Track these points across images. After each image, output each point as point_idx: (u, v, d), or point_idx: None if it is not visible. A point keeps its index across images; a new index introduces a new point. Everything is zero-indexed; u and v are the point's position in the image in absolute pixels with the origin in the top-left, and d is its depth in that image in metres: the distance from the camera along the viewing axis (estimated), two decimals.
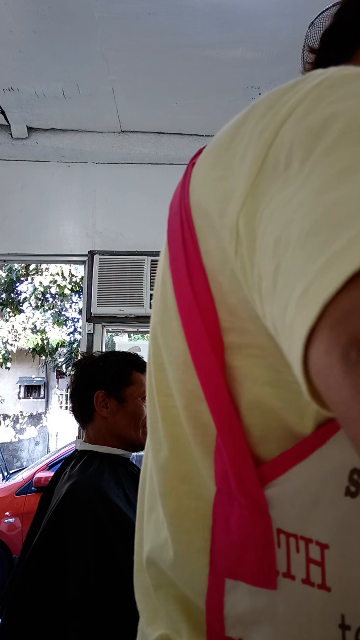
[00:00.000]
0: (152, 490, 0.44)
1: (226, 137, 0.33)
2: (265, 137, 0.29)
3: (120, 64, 2.12)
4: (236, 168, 0.30)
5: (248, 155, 0.29)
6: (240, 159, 0.30)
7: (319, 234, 0.22)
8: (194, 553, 0.37)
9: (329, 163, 0.24)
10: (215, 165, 0.33)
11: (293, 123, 0.28)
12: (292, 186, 0.26)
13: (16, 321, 9.06)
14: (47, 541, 1.02)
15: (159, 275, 0.41)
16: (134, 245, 2.60)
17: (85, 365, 1.35)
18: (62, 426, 11.37)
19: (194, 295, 0.34)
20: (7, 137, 2.62)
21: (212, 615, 0.36)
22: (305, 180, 0.25)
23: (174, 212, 0.40)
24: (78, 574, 0.96)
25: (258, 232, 0.28)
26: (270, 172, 0.28)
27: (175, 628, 0.38)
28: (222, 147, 0.33)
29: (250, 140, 0.30)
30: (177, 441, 0.39)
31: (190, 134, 2.65)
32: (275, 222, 0.26)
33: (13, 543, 3.97)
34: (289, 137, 0.27)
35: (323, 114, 0.26)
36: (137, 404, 1.30)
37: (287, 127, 0.28)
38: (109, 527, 1.01)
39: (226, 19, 1.87)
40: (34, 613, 0.96)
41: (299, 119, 0.28)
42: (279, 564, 0.33)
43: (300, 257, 0.23)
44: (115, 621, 0.94)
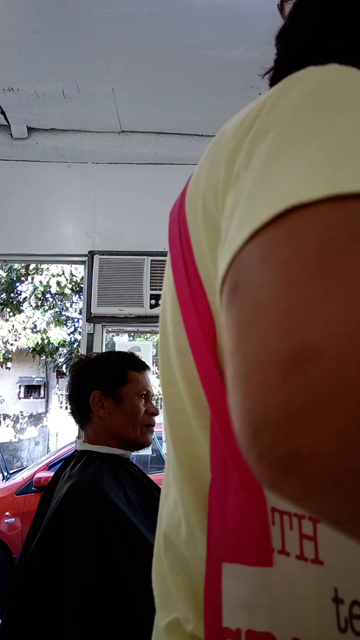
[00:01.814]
0: (167, 476, 0.47)
1: (211, 147, 0.39)
2: (235, 142, 0.33)
3: (120, 64, 2.12)
4: (218, 166, 0.35)
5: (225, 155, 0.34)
6: (222, 161, 0.34)
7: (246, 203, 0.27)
8: (199, 531, 0.39)
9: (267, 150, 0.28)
10: (199, 173, 0.39)
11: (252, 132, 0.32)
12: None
13: (16, 321, 9.06)
14: (47, 541, 1.02)
15: (167, 272, 0.46)
16: (134, 245, 2.60)
17: (82, 367, 1.36)
18: (62, 426, 11.37)
19: (190, 290, 0.38)
20: (7, 137, 2.62)
21: (210, 604, 0.36)
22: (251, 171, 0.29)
23: (173, 219, 0.46)
24: (78, 574, 0.96)
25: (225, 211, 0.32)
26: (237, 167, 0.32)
27: (184, 614, 0.40)
28: (207, 156, 0.39)
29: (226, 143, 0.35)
30: (180, 427, 0.42)
31: (190, 134, 2.65)
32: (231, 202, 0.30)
33: (13, 543, 3.97)
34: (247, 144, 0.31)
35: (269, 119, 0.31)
36: (134, 403, 1.30)
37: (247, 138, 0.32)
38: (109, 527, 1.01)
39: (226, 19, 1.87)
40: (34, 613, 0.96)
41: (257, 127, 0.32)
42: (274, 542, 0.34)
43: (236, 217, 0.28)
44: (115, 621, 0.94)
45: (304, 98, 0.29)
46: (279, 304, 0.20)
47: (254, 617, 0.35)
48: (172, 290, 0.42)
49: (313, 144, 0.25)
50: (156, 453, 3.92)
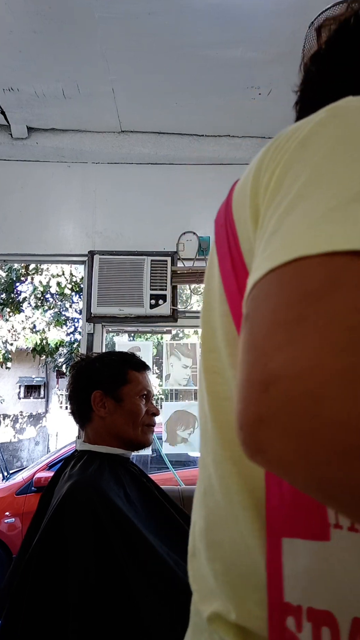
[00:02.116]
0: (202, 461, 0.51)
1: (252, 168, 0.44)
2: (272, 168, 0.39)
3: (120, 64, 2.12)
4: (261, 191, 0.40)
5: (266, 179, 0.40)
6: (264, 184, 0.40)
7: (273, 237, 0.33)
8: (242, 510, 0.42)
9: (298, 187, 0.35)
10: (243, 198, 0.44)
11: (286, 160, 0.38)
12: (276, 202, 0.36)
13: (16, 321, 9.05)
14: (47, 541, 1.02)
15: (211, 271, 0.51)
16: (134, 245, 2.60)
17: (82, 367, 1.36)
18: (62, 426, 11.37)
19: (237, 284, 0.43)
20: (7, 137, 2.62)
21: (272, 579, 0.38)
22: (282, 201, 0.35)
23: (220, 224, 0.49)
24: (78, 574, 0.96)
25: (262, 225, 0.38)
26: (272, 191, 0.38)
27: (224, 603, 0.43)
28: (243, 188, 0.45)
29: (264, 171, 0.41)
30: (226, 413, 0.45)
31: (190, 134, 2.65)
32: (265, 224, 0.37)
33: (13, 543, 3.97)
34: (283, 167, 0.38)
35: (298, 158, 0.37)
36: (135, 403, 1.30)
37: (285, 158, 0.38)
38: (109, 527, 1.01)
39: (226, 19, 1.87)
40: (34, 613, 0.96)
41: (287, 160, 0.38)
42: (329, 516, 0.37)
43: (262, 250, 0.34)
44: (115, 621, 0.93)
45: (332, 149, 0.34)
46: (263, 341, 0.29)
47: (313, 593, 0.36)
48: (220, 287, 0.46)
49: (328, 194, 0.31)
50: (156, 453, 3.92)
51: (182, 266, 2.59)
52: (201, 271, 2.56)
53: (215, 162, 2.69)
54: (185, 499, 2.04)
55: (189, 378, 2.67)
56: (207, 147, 2.66)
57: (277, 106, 2.38)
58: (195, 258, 2.59)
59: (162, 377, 2.88)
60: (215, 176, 2.70)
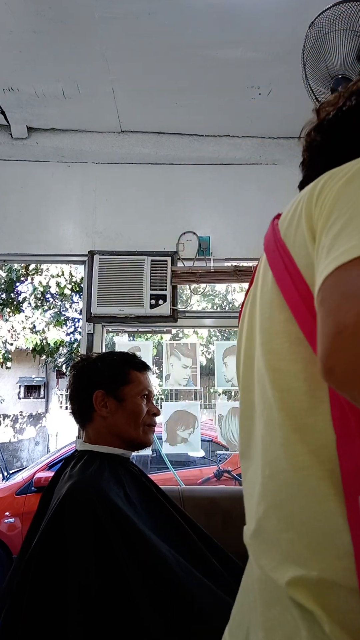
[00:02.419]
0: (265, 447, 0.58)
1: (299, 209, 0.57)
2: (327, 206, 0.51)
3: (120, 64, 2.12)
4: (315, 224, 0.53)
5: (319, 216, 0.53)
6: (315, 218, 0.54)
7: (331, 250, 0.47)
8: (316, 481, 0.50)
9: None
10: (297, 224, 0.57)
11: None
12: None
13: (16, 321, 9.04)
14: (47, 541, 1.02)
15: (255, 291, 0.65)
16: (134, 245, 2.60)
17: (83, 367, 1.36)
18: (62, 426, 11.36)
19: (298, 294, 0.54)
20: (7, 137, 2.62)
21: (355, 529, 0.46)
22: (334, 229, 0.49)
23: (271, 250, 0.61)
24: (78, 574, 0.96)
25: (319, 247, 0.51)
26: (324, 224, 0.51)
27: (305, 566, 0.49)
28: (293, 219, 0.58)
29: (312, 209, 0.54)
30: (288, 402, 0.54)
31: (190, 134, 2.65)
32: (321, 247, 0.50)
33: (13, 543, 3.97)
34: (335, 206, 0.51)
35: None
36: (136, 403, 1.30)
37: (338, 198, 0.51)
38: (109, 527, 1.01)
39: (226, 19, 1.87)
40: (34, 614, 0.96)
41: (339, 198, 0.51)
42: None
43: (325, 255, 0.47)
44: (115, 622, 0.93)
45: None
46: (337, 308, 0.42)
47: None
48: (279, 298, 0.57)
49: None
50: (156, 453, 3.92)
51: (182, 266, 2.59)
52: (201, 271, 2.56)
53: (215, 162, 2.69)
54: (185, 499, 2.04)
55: (189, 378, 2.67)
56: (207, 147, 2.66)
57: (277, 106, 2.38)
58: (195, 258, 2.59)
59: (162, 377, 2.88)
60: (215, 176, 2.70)
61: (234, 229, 2.66)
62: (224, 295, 7.37)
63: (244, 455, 0.65)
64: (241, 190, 2.69)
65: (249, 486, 0.61)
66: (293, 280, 0.55)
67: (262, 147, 2.66)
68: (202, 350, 7.83)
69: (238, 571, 1.18)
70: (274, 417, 0.56)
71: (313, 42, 1.47)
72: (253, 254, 2.61)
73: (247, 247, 2.63)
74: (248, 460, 0.63)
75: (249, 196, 2.67)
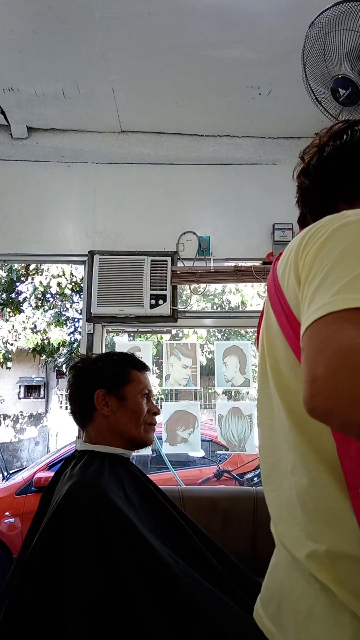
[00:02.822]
0: (282, 448, 0.70)
1: (289, 257, 0.68)
2: (310, 259, 0.63)
3: (120, 64, 2.12)
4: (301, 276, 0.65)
5: (303, 268, 0.64)
6: (303, 272, 0.64)
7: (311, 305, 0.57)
8: (319, 474, 0.62)
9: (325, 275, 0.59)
10: (288, 272, 0.68)
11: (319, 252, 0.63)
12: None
13: (16, 321, 9.04)
14: (47, 542, 1.02)
15: (265, 323, 0.77)
16: (134, 245, 2.61)
17: (83, 367, 1.36)
18: (62, 426, 11.36)
19: (292, 330, 0.66)
20: (7, 137, 2.62)
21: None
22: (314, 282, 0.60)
23: (272, 293, 0.73)
24: (78, 574, 0.96)
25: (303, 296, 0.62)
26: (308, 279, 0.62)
27: (318, 542, 0.61)
28: (286, 266, 0.69)
29: (303, 261, 0.65)
30: (295, 412, 0.66)
31: (190, 134, 2.65)
32: (305, 297, 0.61)
33: (13, 543, 3.97)
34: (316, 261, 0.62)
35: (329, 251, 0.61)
36: (137, 402, 1.30)
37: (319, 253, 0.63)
38: (109, 527, 1.01)
39: (226, 19, 1.87)
40: (34, 613, 0.96)
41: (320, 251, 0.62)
42: None
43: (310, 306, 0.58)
44: (115, 622, 0.93)
45: (347, 247, 0.59)
46: (312, 361, 0.52)
47: None
48: (280, 333, 0.70)
49: (344, 276, 0.55)
50: (156, 453, 3.92)
51: (182, 266, 2.59)
52: (201, 271, 2.56)
53: (215, 162, 2.69)
54: (185, 499, 2.04)
55: (189, 378, 2.67)
56: (207, 147, 2.66)
57: (277, 106, 2.38)
58: (195, 258, 2.59)
59: (162, 377, 2.88)
60: (215, 176, 2.70)
61: (234, 229, 2.66)
62: (220, 296, 7.36)
63: (266, 454, 0.76)
64: (241, 190, 2.69)
65: (275, 481, 0.73)
66: (287, 318, 0.67)
67: (262, 147, 2.66)
68: (203, 350, 7.83)
69: (237, 571, 1.19)
70: (285, 423, 0.68)
71: (313, 42, 1.47)
72: (253, 254, 2.61)
73: (247, 247, 2.63)
74: (272, 457, 0.74)
75: (249, 196, 2.67)
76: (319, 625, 0.60)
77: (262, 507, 2.02)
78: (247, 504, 2.04)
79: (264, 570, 0.77)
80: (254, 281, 2.55)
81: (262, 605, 0.73)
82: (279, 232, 2.57)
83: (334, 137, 0.80)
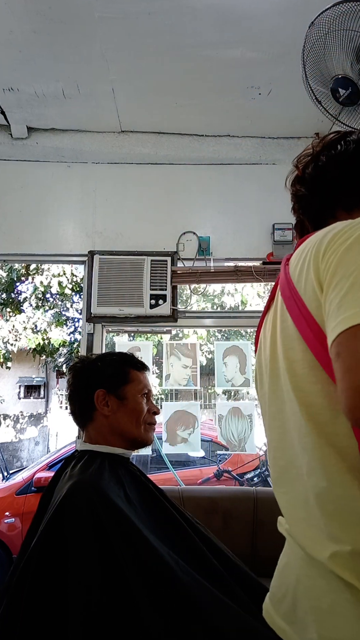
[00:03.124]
0: (294, 450, 0.71)
1: (307, 260, 0.69)
2: (331, 262, 0.64)
3: (120, 64, 2.12)
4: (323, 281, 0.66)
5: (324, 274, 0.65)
6: (325, 277, 0.65)
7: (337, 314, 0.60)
8: (340, 474, 0.63)
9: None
10: (306, 274, 0.69)
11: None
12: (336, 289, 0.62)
13: (16, 321, 9.03)
14: (47, 541, 1.02)
15: (281, 326, 0.76)
16: (134, 245, 2.60)
17: (83, 367, 1.36)
18: (62, 426, 11.36)
19: (311, 332, 0.67)
20: (7, 137, 2.62)
21: None
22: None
23: (287, 296, 0.73)
24: (78, 574, 0.96)
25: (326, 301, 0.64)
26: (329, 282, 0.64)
27: (342, 543, 0.62)
28: (302, 268, 0.70)
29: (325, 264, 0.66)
30: (313, 414, 0.67)
31: (190, 134, 2.65)
32: (329, 304, 0.62)
33: (13, 543, 3.97)
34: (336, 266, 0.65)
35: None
36: (137, 401, 1.31)
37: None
38: (109, 527, 1.01)
39: (226, 19, 1.87)
40: (33, 613, 0.96)
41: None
42: None
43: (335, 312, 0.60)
44: (115, 621, 0.93)
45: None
46: (352, 371, 0.54)
47: None
48: (297, 335, 0.70)
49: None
50: (156, 453, 3.92)
51: (182, 266, 2.59)
52: (201, 271, 2.56)
53: (215, 162, 2.69)
54: (185, 499, 2.04)
55: (189, 378, 2.67)
56: (207, 147, 2.66)
57: (277, 106, 2.38)
58: (195, 258, 2.59)
59: (162, 377, 2.88)
60: (215, 176, 2.70)
61: (234, 229, 2.66)
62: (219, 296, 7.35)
63: (278, 457, 0.77)
64: (241, 190, 2.69)
65: (287, 484, 0.74)
66: (306, 321, 0.68)
67: (262, 147, 2.66)
68: (203, 350, 7.83)
69: (237, 571, 1.19)
70: (303, 425, 0.68)
71: (313, 42, 1.47)
72: (253, 254, 2.61)
73: (247, 247, 2.63)
74: (284, 460, 0.75)
75: (249, 196, 2.67)
76: (343, 619, 0.61)
77: (262, 507, 2.02)
78: (247, 504, 2.04)
79: (264, 570, 0.77)
80: (254, 281, 2.55)
81: (273, 604, 0.73)
82: (279, 232, 2.57)
83: (327, 146, 0.84)
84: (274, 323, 0.79)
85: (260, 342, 0.87)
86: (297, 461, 0.71)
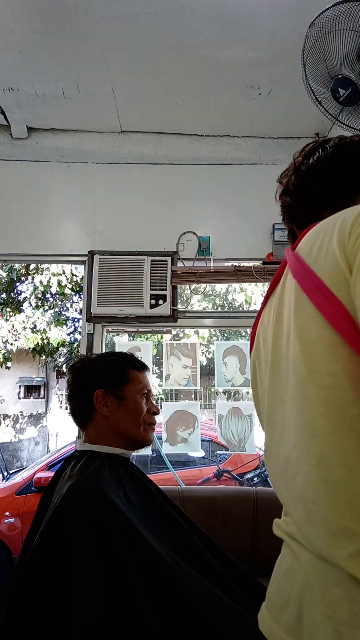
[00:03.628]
0: (307, 441, 0.65)
1: (325, 240, 0.69)
2: None
3: (120, 64, 2.12)
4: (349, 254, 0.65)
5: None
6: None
7: None
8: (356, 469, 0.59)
9: None
10: (325, 251, 0.68)
11: None
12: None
13: (16, 321, 9.03)
14: (47, 542, 1.02)
15: (294, 310, 0.72)
16: (134, 245, 2.61)
17: (82, 367, 1.36)
18: (62, 426, 11.36)
19: (332, 306, 0.64)
20: (7, 137, 2.62)
21: None
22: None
23: (301, 275, 0.71)
24: (78, 574, 0.96)
25: None
26: None
27: (354, 542, 0.57)
28: (320, 248, 0.69)
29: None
30: (330, 397, 0.62)
31: (190, 134, 2.65)
32: None
33: (13, 543, 3.97)
34: None
35: None
36: (137, 401, 1.30)
37: None
38: (109, 528, 1.01)
39: (226, 19, 1.87)
40: (33, 613, 0.96)
41: None
42: None
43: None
44: (115, 622, 0.93)
45: None
46: None
47: None
48: (315, 313, 0.67)
49: None
50: (156, 453, 3.92)
51: (182, 266, 2.59)
52: (201, 271, 2.56)
53: (215, 162, 2.69)
54: (185, 499, 2.04)
55: (189, 378, 2.67)
56: (207, 147, 2.66)
57: (277, 106, 2.38)
58: (195, 258, 2.59)
59: (162, 377, 2.88)
60: (215, 176, 2.70)
61: (234, 229, 2.66)
62: (224, 295, 7.36)
63: (279, 451, 0.72)
64: (241, 190, 2.69)
65: (287, 480, 0.69)
66: (326, 298, 0.65)
67: (262, 147, 2.66)
68: (202, 350, 7.83)
69: (237, 571, 1.19)
70: (319, 411, 0.63)
71: (313, 42, 1.47)
72: (253, 254, 2.61)
73: (247, 247, 2.63)
74: (284, 453, 0.71)
75: (249, 196, 2.67)
76: None
77: (262, 507, 2.02)
78: (247, 504, 2.04)
79: (264, 570, 0.76)
80: (254, 281, 2.55)
81: (271, 614, 0.67)
82: (279, 232, 2.57)
83: (307, 156, 0.89)
84: (279, 311, 0.76)
85: (258, 338, 0.85)
86: (300, 453, 0.66)
